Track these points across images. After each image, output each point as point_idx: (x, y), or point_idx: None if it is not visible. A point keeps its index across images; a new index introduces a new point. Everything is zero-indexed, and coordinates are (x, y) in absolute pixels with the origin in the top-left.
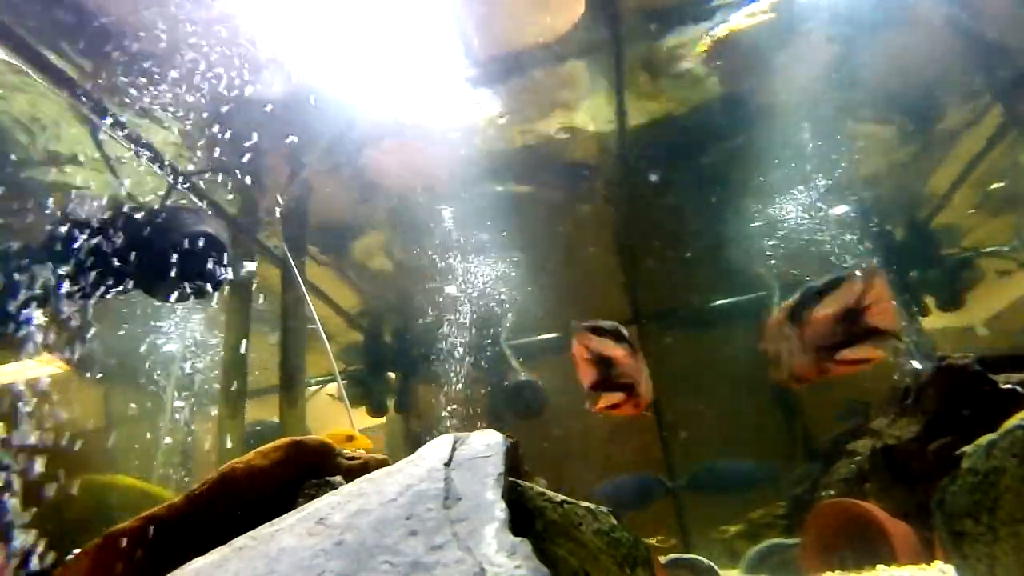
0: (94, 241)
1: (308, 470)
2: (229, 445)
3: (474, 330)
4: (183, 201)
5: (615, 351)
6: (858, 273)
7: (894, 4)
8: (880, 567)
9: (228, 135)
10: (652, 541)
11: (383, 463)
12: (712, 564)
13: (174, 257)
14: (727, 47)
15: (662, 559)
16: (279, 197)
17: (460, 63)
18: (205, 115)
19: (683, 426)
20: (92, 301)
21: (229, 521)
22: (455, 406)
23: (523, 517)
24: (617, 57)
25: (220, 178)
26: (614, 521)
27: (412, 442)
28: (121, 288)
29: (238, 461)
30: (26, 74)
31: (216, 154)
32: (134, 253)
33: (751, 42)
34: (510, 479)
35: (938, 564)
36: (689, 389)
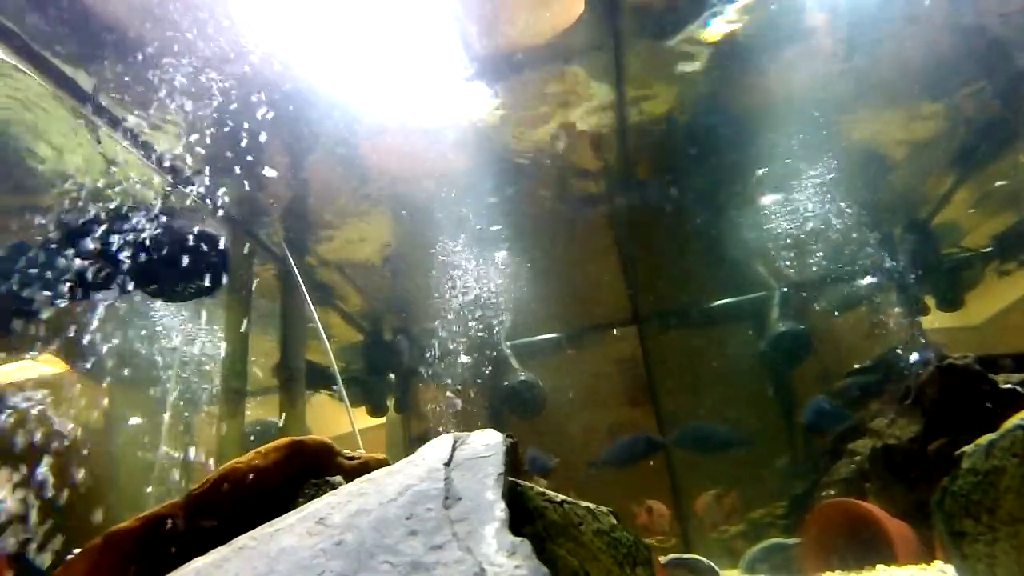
0: (93, 242)
1: (308, 470)
2: (229, 445)
3: (474, 331)
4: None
5: None
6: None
7: (895, 2)
8: (880, 567)
9: (228, 133)
10: (652, 541)
11: (383, 463)
12: (712, 564)
13: (174, 257)
14: (729, 45)
15: (662, 559)
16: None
17: (460, 61)
18: (205, 113)
19: (682, 424)
20: (93, 301)
21: (229, 521)
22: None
23: (523, 517)
24: (617, 57)
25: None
26: (614, 521)
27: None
28: (122, 289)
29: (238, 461)
30: (28, 75)
31: (217, 153)
32: (133, 253)
33: (753, 40)
34: (510, 479)
35: (938, 564)
36: (689, 388)
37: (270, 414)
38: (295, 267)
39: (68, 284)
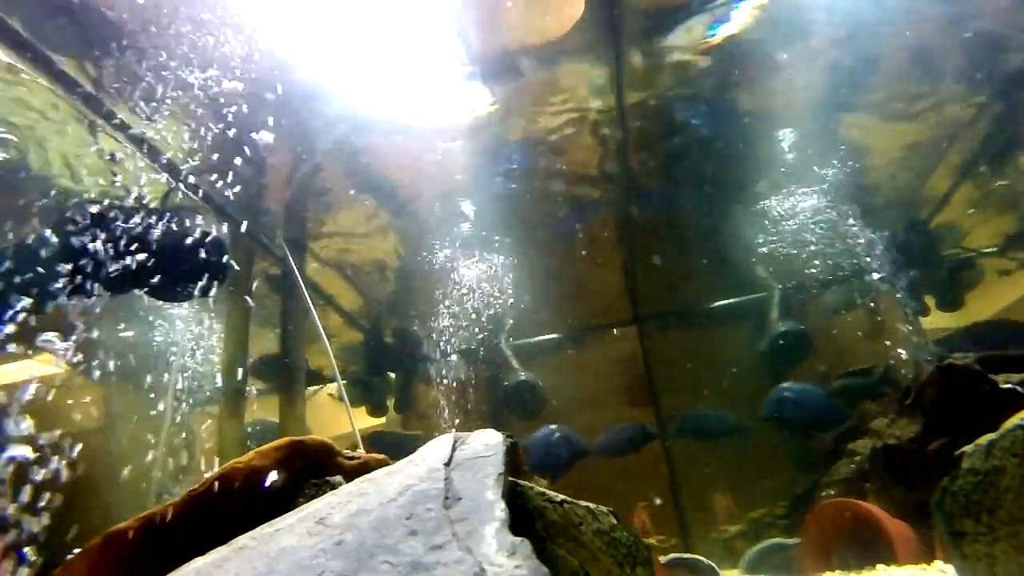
0: (94, 241)
1: (308, 470)
2: (228, 445)
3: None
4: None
5: None
6: None
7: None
8: (880, 567)
9: (228, 132)
10: (652, 541)
11: (383, 463)
12: (712, 564)
13: (176, 257)
14: (729, 46)
15: (662, 559)
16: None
17: (459, 62)
18: (204, 112)
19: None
20: (94, 301)
21: (229, 521)
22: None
23: (523, 517)
24: (617, 57)
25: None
26: (614, 521)
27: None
28: (122, 289)
29: (238, 461)
30: (27, 74)
31: (216, 152)
32: (134, 253)
33: (753, 41)
34: (510, 479)
35: (938, 564)
36: (689, 388)
37: (270, 414)
38: (295, 267)
39: (67, 283)
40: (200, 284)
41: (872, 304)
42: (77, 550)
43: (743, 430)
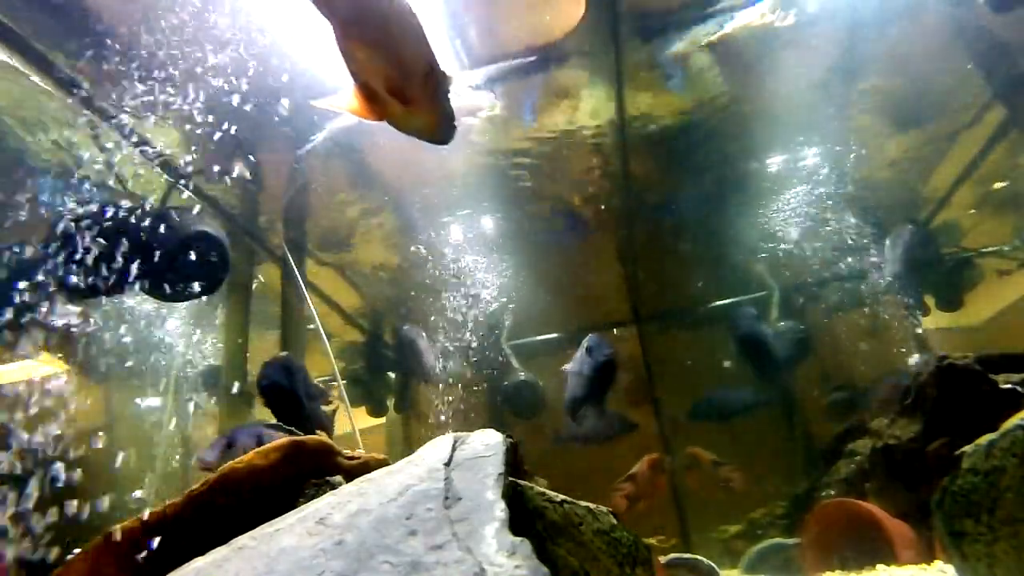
0: (95, 242)
1: (308, 470)
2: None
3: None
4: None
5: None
6: None
7: (896, 2)
8: (880, 567)
9: (228, 131)
10: (652, 541)
11: (383, 463)
12: (712, 564)
13: (176, 257)
14: (728, 47)
15: (662, 559)
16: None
17: (459, 63)
18: (203, 111)
19: (682, 425)
20: (94, 301)
21: (229, 521)
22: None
23: (523, 517)
24: (618, 59)
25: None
26: (614, 521)
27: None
28: (123, 289)
29: (238, 461)
30: (26, 74)
31: (216, 152)
32: (136, 253)
33: (752, 42)
34: (510, 479)
35: (938, 564)
36: (689, 388)
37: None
38: (295, 267)
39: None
40: (199, 284)
41: (870, 304)
42: (77, 550)
43: (762, 404)
